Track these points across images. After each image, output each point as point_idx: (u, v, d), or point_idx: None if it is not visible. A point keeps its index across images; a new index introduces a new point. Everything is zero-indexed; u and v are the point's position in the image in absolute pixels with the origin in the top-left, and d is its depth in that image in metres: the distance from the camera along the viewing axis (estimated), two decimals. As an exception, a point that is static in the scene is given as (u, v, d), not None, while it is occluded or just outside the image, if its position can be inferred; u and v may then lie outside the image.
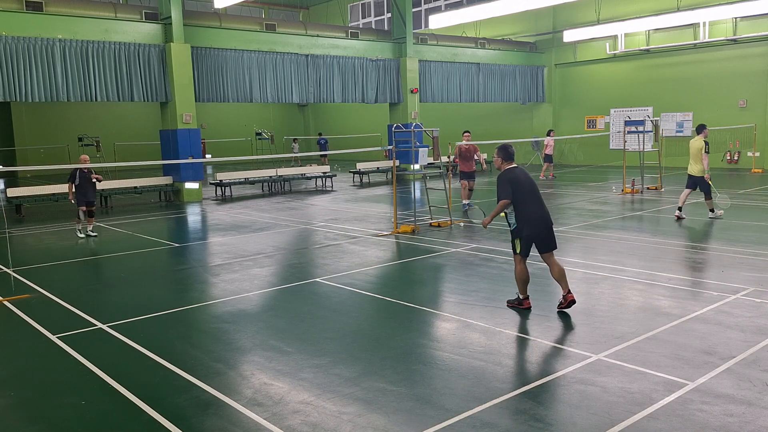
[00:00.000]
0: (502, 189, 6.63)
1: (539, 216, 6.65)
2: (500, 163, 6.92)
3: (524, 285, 6.84)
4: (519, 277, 6.82)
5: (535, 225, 6.62)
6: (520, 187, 6.61)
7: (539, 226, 6.65)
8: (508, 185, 6.60)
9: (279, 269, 9.45)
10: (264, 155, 31.23)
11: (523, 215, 6.61)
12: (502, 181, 6.68)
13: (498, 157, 6.94)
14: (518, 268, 6.80)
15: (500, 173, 6.81)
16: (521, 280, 6.82)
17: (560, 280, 6.73)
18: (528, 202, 6.62)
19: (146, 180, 19.29)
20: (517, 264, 6.80)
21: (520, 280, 6.83)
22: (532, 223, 6.61)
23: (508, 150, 6.89)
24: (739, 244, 9.95)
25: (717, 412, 4.35)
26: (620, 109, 26.63)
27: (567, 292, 6.68)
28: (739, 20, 22.71)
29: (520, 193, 6.60)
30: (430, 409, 4.53)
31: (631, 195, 16.49)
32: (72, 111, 32.76)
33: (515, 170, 6.79)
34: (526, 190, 6.65)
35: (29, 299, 8.00)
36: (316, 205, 17.33)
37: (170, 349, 5.99)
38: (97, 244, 11.97)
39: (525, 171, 6.93)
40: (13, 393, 5.16)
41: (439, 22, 24.40)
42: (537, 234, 6.66)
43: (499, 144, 7.11)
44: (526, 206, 6.61)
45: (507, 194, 6.57)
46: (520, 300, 6.89)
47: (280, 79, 20.94)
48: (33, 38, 16.15)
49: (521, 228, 6.65)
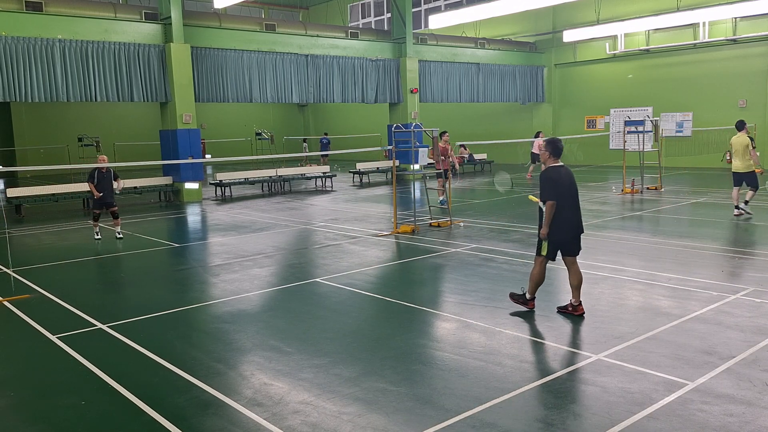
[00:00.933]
0: (548, 189, 6.30)
1: (575, 222, 6.43)
2: (547, 157, 6.47)
3: (536, 286, 6.71)
4: (535, 278, 6.66)
5: (567, 230, 6.40)
6: (561, 189, 6.31)
7: (571, 231, 6.45)
8: (552, 185, 6.29)
9: (279, 269, 9.45)
10: (264, 155, 31.22)
11: (558, 219, 6.32)
12: (547, 179, 6.34)
13: (546, 152, 6.47)
14: (537, 270, 6.62)
15: (544, 170, 6.45)
16: (536, 281, 6.67)
17: (576, 288, 6.56)
18: (566, 207, 6.34)
19: (146, 180, 19.28)
20: (537, 265, 6.62)
21: (534, 280, 6.67)
22: (565, 227, 6.38)
23: (557, 145, 6.40)
24: (738, 244, 9.95)
25: (717, 412, 4.35)
26: (620, 109, 26.64)
27: (578, 303, 6.56)
28: (738, 20, 22.72)
29: (559, 195, 6.31)
30: (430, 409, 4.53)
31: (631, 195, 16.49)
32: (72, 111, 32.76)
33: (560, 169, 6.40)
34: (567, 193, 6.35)
35: (29, 299, 8.00)
36: (316, 205, 17.33)
37: (170, 349, 5.99)
38: (97, 245, 11.96)
39: (570, 171, 6.51)
40: (13, 393, 5.16)
41: (439, 22, 24.40)
42: (568, 239, 6.47)
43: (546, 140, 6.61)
44: (564, 210, 6.32)
45: (553, 195, 6.26)
46: (526, 299, 6.80)
47: (280, 79, 20.94)
48: (33, 38, 16.15)
49: (553, 231, 6.37)
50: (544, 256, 6.53)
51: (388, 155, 24.23)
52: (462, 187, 20.68)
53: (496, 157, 28.41)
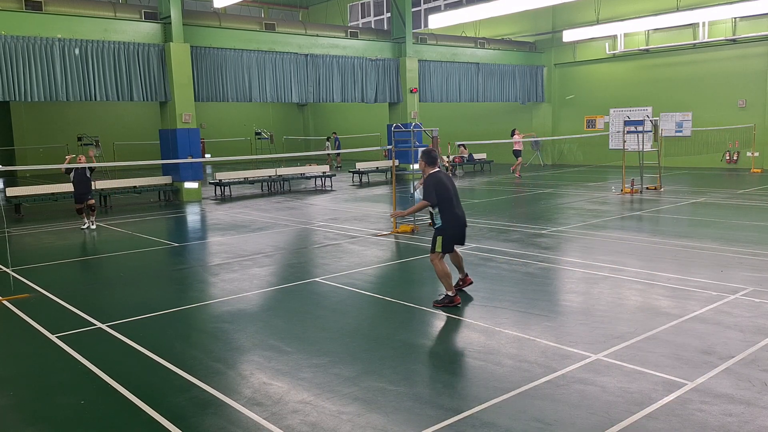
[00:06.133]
0: (429, 192, 6.98)
1: (461, 217, 7.15)
2: (424, 166, 7.21)
3: (450, 280, 7.02)
4: (443, 275, 6.99)
5: (458, 225, 7.10)
6: (445, 190, 6.99)
7: (461, 227, 7.17)
8: (434, 189, 6.95)
9: (278, 269, 9.45)
10: (264, 155, 31.23)
11: (449, 216, 7.00)
12: (429, 184, 7.01)
13: (422, 161, 7.23)
14: (440, 267, 7.00)
15: (428, 176, 7.12)
16: (446, 277, 6.99)
17: (460, 265, 7.48)
18: (454, 206, 7.05)
19: (145, 180, 19.28)
20: (438, 263, 7.01)
21: (444, 277, 7.00)
22: (456, 224, 7.07)
23: (432, 155, 7.23)
24: (738, 244, 9.96)
25: (716, 412, 4.35)
26: (620, 109, 26.65)
27: (465, 276, 7.51)
28: (738, 20, 22.72)
29: (446, 195, 6.97)
30: (429, 409, 4.53)
31: (630, 195, 16.49)
32: (71, 111, 32.74)
33: (439, 174, 7.15)
34: (451, 192, 7.06)
35: (28, 299, 8.00)
36: (316, 204, 17.32)
37: (169, 349, 5.99)
38: (97, 244, 11.97)
39: (448, 175, 7.32)
40: (12, 392, 5.16)
41: (439, 21, 24.39)
42: (458, 233, 7.15)
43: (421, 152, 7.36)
44: (453, 209, 7.03)
45: (432, 198, 6.95)
46: (450, 297, 7.00)
47: (280, 78, 20.94)
48: (32, 38, 16.15)
49: (446, 228, 7.00)
50: (440, 252, 7.00)
51: (388, 155, 24.25)
52: (462, 186, 20.68)
53: (495, 157, 28.41)
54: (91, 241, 12.26)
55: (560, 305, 7.07)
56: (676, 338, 5.80)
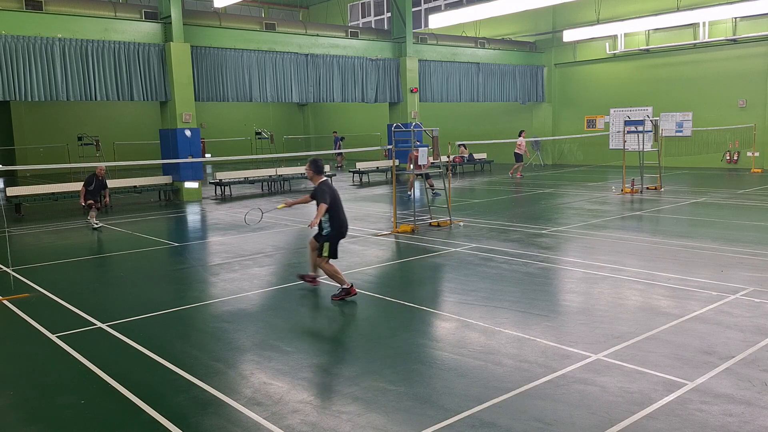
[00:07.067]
0: (323, 196, 7.41)
1: (345, 222, 7.68)
2: (312, 175, 7.71)
3: (339, 275, 7.48)
4: (333, 274, 7.49)
5: (343, 229, 7.64)
6: (334, 197, 7.52)
7: (345, 231, 7.70)
8: (326, 193, 7.44)
9: (278, 269, 9.45)
10: (264, 154, 31.23)
11: (336, 222, 7.53)
12: (322, 190, 7.49)
13: (311, 170, 7.73)
14: (327, 268, 7.50)
15: (319, 183, 7.59)
16: (335, 274, 7.47)
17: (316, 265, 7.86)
18: (340, 211, 7.58)
19: (146, 179, 19.28)
20: (325, 265, 7.50)
21: (334, 275, 7.48)
22: (341, 228, 7.59)
23: (318, 164, 7.75)
24: (738, 244, 9.95)
25: (716, 412, 4.35)
26: (620, 109, 26.64)
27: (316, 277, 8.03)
28: (738, 20, 22.72)
29: (334, 202, 7.50)
30: (429, 409, 4.53)
31: (630, 195, 16.49)
32: (71, 110, 32.72)
33: (328, 182, 7.73)
34: (338, 199, 7.59)
35: (29, 298, 8.00)
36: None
37: (170, 349, 5.99)
38: (97, 244, 11.96)
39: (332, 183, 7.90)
40: (12, 392, 5.15)
41: (439, 21, 24.39)
42: (343, 237, 7.67)
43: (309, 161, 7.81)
44: (339, 214, 7.56)
45: (327, 200, 7.39)
46: (347, 290, 7.40)
47: (280, 78, 20.93)
48: (33, 37, 16.15)
49: (335, 234, 7.52)
50: (328, 257, 7.47)
51: (388, 155, 24.25)
52: (462, 186, 20.69)
53: (495, 157, 28.40)
54: (91, 240, 12.26)
55: (560, 305, 7.07)
56: (676, 338, 5.80)
